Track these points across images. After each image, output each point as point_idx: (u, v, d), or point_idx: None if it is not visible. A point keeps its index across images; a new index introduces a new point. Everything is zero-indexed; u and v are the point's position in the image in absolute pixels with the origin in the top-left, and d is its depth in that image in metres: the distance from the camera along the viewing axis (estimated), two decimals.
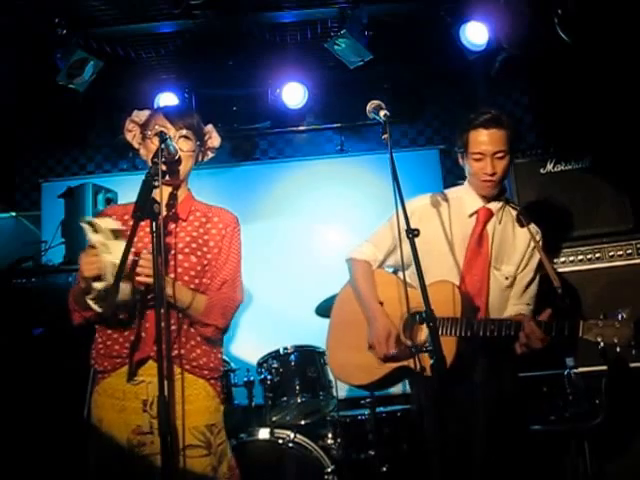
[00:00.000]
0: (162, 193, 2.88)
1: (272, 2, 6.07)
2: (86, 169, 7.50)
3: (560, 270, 4.61)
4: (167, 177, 3.11)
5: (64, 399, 4.80)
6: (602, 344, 3.27)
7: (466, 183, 3.83)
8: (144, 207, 2.77)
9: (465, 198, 3.79)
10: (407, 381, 3.95)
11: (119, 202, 6.12)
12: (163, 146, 2.96)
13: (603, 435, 4.45)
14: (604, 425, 4.42)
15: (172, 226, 3.22)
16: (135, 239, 2.85)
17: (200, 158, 3.40)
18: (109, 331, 3.14)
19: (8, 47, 5.93)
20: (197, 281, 3.18)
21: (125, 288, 2.92)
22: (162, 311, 2.74)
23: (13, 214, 7.16)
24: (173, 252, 3.16)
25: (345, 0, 6.02)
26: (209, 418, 3.13)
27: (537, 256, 3.73)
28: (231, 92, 7.00)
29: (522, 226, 3.71)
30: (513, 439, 3.55)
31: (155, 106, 6.49)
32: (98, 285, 2.87)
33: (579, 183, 4.87)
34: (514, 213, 3.78)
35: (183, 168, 3.24)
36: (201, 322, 3.12)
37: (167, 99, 6.68)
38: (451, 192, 3.89)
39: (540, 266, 3.75)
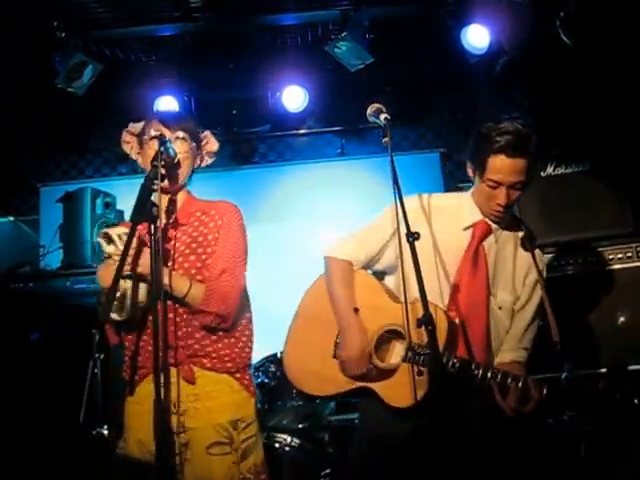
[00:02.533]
0: (160, 197, 2.86)
1: (273, 5, 6.07)
2: (85, 173, 7.49)
3: (560, 273, 4.59)
4: (166, 182, 3.10)
5: (61, 404, 4.78)
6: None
7: (469, 193, 3.44)
8: (142, 210, 2.77)
9: (463, 208, 3.41)
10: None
11: (117, 206, 6.12)
12: (162, 149, 2.95)
13: (601, 439, 4.42)
14: (602, 429, 4.40)
15: (172, 232, 3.21)
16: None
17: (198, 163, 3.38)
18: (134, 342, 3.15)
19: (7, 50, 5.91)
20: (199, 277, 3.14)
21: (142, 288, 2.96)
22: (161, 312, 2.73)
23: (11, 218, 7.15)
24: (175, 255, 3.15)
25: (346, 3, 6.01)
26: (234, 413, 3.10)
27: (539, 292, 3.36)
28: (231, 95, 7.00)
29: (526, 250, 3.34)
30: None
31: (154, 109, 6.50)
32: (120, 290, 2.90)
33: (579, 186, 4.86)
34: (518, 234, 3.40)
35: (181, 171, 3.23)
36: (201, 311, 3.08)
37: (167, 102, 6.67)
38: (445, 198, 3.57)
39: (541, 306, 3.38)
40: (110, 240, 2.95)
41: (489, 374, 3.10)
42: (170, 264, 3.13)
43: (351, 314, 3.42)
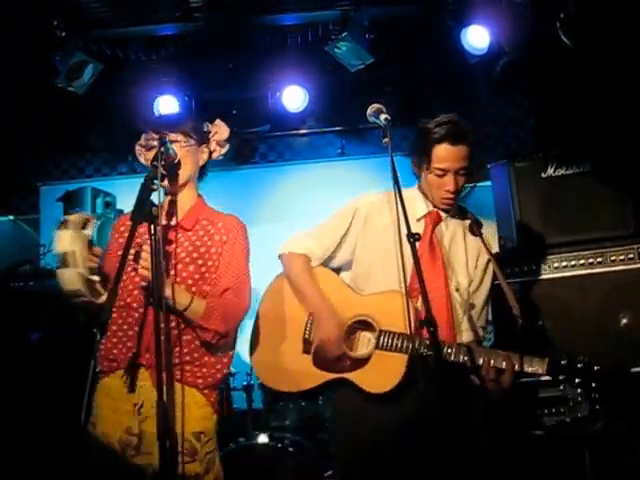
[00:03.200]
0: (159, 197, 2.86)
1: (273, 5, 6.07)
2: (85, 172, 7.50)
3: (560, 275, 4.58)
4: (166, 182, 3.11)
5: (61, 404, 4.77)
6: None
7: (416, 188, 3.62)
8: (142, 210, 2.77)
9: (415, 201, 3.53)
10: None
11: (117, 206, 6.12)
12: (162, 149, 2.95)
13: (603, 441, 4.42)
14: (604, 430, 4.40)
15: (173, 235, 3.21)
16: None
17: (206, 157, 3.44)
18: (111, 334, 3.18)
19: (8, 50, 5.91)
20: (194, 289, 3.15)
21: (71, 275, 3.11)
22: (162, 314, 2.72)
23: (11, 217, 7.15)
24: (174, 262, 3.16)
25: (346, 3, 6.01)
26: (195, 426, 3.09)
27: (491, 273, 3.52)
28: (231, 95, 7.00)
29: (474, 235, 3.46)
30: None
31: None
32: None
33: (580, 187, 4.85)
34: (465, 221, 3.54)
35: (182, 173, 3.23)
36: (200, 326, 3.08)
37: (167, 102, 6.67)
38: (405, 193, 3.51)
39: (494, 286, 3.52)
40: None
41: (460, 351, 3.15)
42: (171, 272, 3.14)
43: (321, 299, 3.44)
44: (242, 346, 6.30)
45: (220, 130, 3.44)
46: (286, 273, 3.67)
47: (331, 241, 3.60)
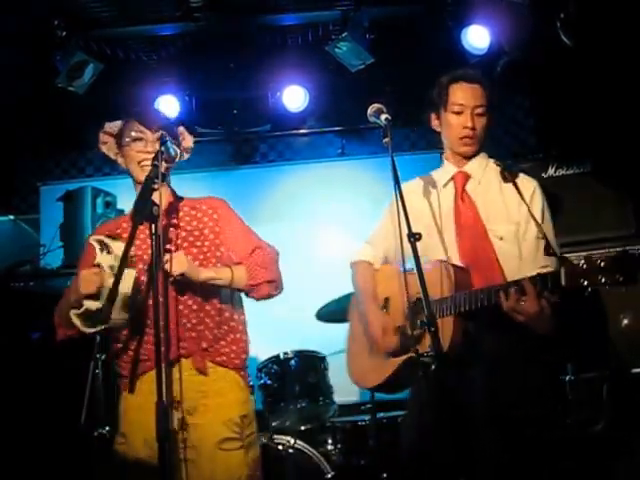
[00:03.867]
0: (161, 196, 2.86)
1: (273, 5, 6.06)
2: (85, 172, 7.49)
3: None
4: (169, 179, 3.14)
5: (62, 404, 4.77)
6: (589, 289, 2.80)
7: (443, 157, 3.68)
8: (143, 210, 2.77)
9: (439, 173, 3.64)
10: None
11: (118, 205, 6.11)
12: (163, 149, 2.96)
13: (605, 442, 4.42)
14: (606, 432, 4.40)
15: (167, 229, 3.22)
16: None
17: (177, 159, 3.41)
18: (128, 335, 3.15)
19: (7, 49, 5.90)
20: None
21: (120, 307, 2.91)
22: (164, 311, 2.78)
23: (11, 217, 7.14)
24: (173, 249, 3.15)
25: (347, 3, 6.01)
26: (241, 409, 3.14)
27: (539, 204, 3.39)
28: (231, 95, 6.98)
29: (507, 181, 3.43)
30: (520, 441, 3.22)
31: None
32: (91, 305, 2.89)
33: (580, 187, 4.86)
34: (497, 169, 3.51)
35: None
36: (252, 287, 3.18)
37: (167, 102, 6.66)
38: (434, 172, 3.72)
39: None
40: (106, 250, 2.95)
41: (492, 291, 3.06)
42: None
43: (370, 303, 3.57)
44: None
45: (186, 138, 3.44)
46: (351, 281, 3.82)
47: (384, 239, 3.70)
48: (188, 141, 3.44)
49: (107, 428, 4.38)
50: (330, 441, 5.21)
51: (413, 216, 3.15)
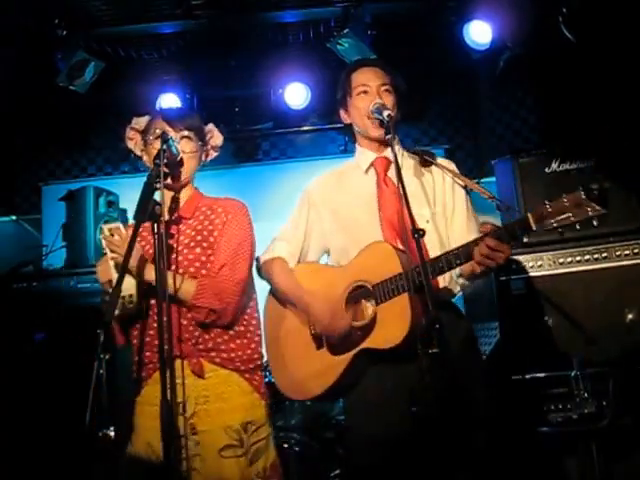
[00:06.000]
0: (163, 195, 2.86)
1: (274, 2, 6.05)
2: (87, 172, 7.47)
3: (567, 270, 4.58)
4: (169, 180, 3.11)
5: (66, 405, 4.77)
6: (560, 229, 2.84)
7: (356, 146, 3.64)
8: (145, 209, 2.76)
9: (359, 158, 3.57)
10: None
11: (120, 205, 6.11)
12: (165, 147, 2.95)
13: (610, 436, 4.42)
14: (611, 426, 4.39)
15: (175, 228, 3.22)
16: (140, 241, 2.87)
17: (204, 158, 3.40)
18: (139, 339, 3.16)
19: (8, 48, 5.90)
20: (204, 272, 3.16)
21: (128, 282, 2.92)
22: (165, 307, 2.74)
23: (13, 218, 7.13)
24: (180, 248, 3.17)
25: None
26: (244, 416, 3.10)
27: (460, 188, 3.43)
28: (233, 93, 6.98)
29: (426, 165, 3.45)
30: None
31: (157, 107, 6.49)
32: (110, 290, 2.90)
33: (584, 182, 4.84)
34: (415, 157, 3.51)
35: (186, 169, 3.25)
36: (193, 305, 3.06)
37: (169, 100, 6.65)
38: (347, 161, 3.72)
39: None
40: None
41: (449, 256, 3.03)
42: (174, 257, 3.15)
43: (302, 290, 3.40)
44: None
45: (215, 135, 3.44)
46: (267, 279, 3.60)
47: (298, 235, 3.62)
48: (216, 139, 3.44)
49: (112, 428, 4.40)
50: (335, 439, 5.19)
51: (336, 211, 3.34)
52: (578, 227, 2.76)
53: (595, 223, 2.77)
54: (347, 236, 3.41)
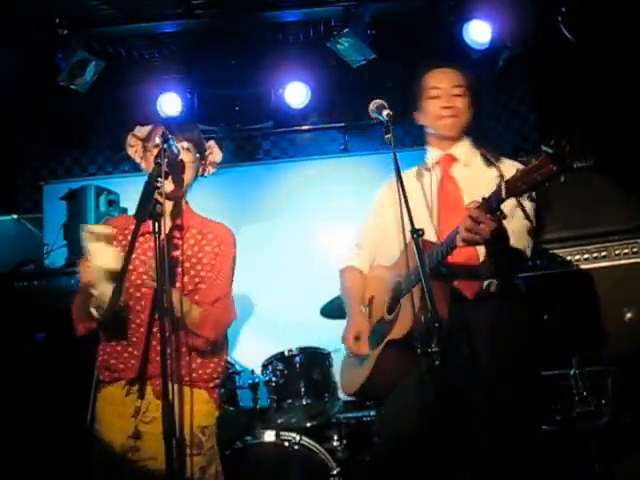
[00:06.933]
0: (164, 195, 2.86)
1: (274, 1, 6.05)
2: (88, 171, 7.48)
3: (566, 269, 4.59)
4: (172, 186, 3.19)
5: (66, 404, 4.77)
6: (532, 194, 2.91)
7: (427, 147, 3.66)
8: (146, 208, 2.77)
9: (427, 158, 3.62)
10: None
11: (121, 204, 6.12)
12: (165, 146, 2.95)
13: (609, 435, 4.42)
14: (610, 425, 4.40)
15: (174, 239, 3.27)
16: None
17: (201, 172, 3.46)
18: (112, 344, 3.22)
19: (9, 47, 5.91)
20: (196, 297, 3.24)
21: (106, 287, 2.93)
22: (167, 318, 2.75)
23: (14, 216, 7.13)
24: (177, 268, 3.22)
25: None
26: (201, 420, 3.18)
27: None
28: (234, 92, 6.98)
29: (489, 165, 3.44)
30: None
31: (160, 113, 6.52)
32: (93, 291, 2.92)
33: (584, 181, 4.85)
34: (480, 152, 3.55)
35: (185, 177, 3.31)
36: (195, 333, 3.16)
37: (169, 99, 6.66)
38: (419, 164, 3.69)
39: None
40: (89, 238, 2.95)
41: (452, 234, 3.02)
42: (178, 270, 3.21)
43: (354, 307, 3.58)
44: (246, 347, 6.31)
45: (214, 152, 3.50)
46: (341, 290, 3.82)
47: (371, 240, 3.72)
48: (216, 155, 3.50)
49: None
50: (335, 437, 5.19)
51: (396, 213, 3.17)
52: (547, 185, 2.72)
53: (562, 179, 2.75)
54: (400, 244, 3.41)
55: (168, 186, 3.14)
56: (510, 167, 3.33)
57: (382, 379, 3.40)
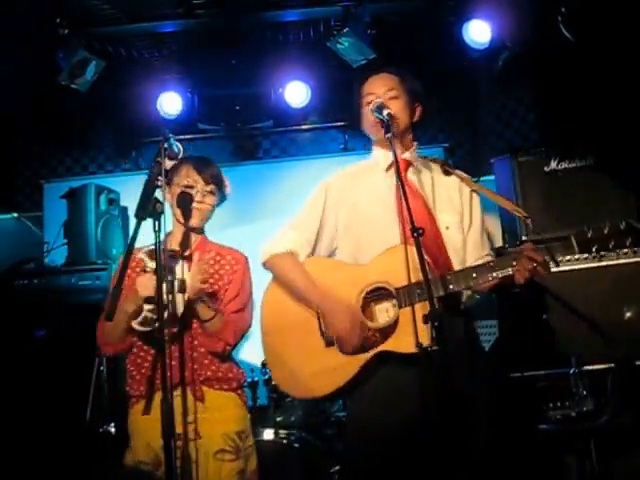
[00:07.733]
0: (164, 194, 2.88)
1: (275, 1, 6.05)
2: (88, 169, 7.48)
3: (566, 268, 4.58)
4: (195, 221, 3.47)
5: (67, 402, 4.78)
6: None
7: (374, 148, 3.61)
8: (146, 206, 2.78)
9: (378, 157, 3.55)
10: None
11: (121, 202, 6.14)
12: (166, 145, 2.97)
13: (609, 434, 4.43)
14: (610, 424, 4.40)
15: (185, 265, 3.31)
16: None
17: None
18: (142, 357, 3.35)
19: (10, 47, 5.91)
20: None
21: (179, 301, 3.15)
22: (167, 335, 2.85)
23: (15, 215, 7.14)
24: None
25: None
26: (238, 425, 3.36)
27: (477, 199, 3.49)
28: (234, 91, 6.98)
29: (448, 174, 3.48)
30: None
31: (157, 106, 6.53)
32: (147, 306, 3.06)
33: (583, 181, 4.86)
34: (434, 165, 3.55)
35: (203, 218, 3.51)
36: (216, 337, 3.30)
37: (169, 99, 6.67)
38: (365, 160, 3.67)
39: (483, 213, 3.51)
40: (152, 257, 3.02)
41: (505, 261, 3.11)
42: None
43: (320, 292, 3.29)
44: (246, 346, 6.32)
45: (227, 185, 3.76)
46: (276, 277, 3.49)
47: (312, 227, 3.52)
48: (228, 188, 3.76)
49: (112, 425, 4.42)
50: (336, 435, 5.20)
51: (354, 205, 3.34)
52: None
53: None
54: (363, 232, 3.39)
55: (193, 221, 3.42)
56: (467, 178, 3.50)
57: (356, 383, 3.22)
